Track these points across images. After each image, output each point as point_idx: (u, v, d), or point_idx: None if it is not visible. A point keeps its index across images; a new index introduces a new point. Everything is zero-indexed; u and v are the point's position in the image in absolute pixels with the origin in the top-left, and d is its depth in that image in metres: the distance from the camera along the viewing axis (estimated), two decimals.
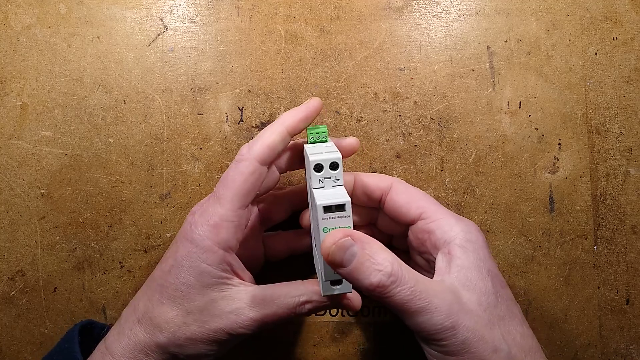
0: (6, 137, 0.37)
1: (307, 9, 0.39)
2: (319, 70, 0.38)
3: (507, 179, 0.38)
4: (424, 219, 0.30)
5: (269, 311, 0.28)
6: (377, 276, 0.24)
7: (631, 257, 0.38)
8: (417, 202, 0.31)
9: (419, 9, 0.39)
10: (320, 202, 0.26)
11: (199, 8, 0.39)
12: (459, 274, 0.27)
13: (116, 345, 0.28)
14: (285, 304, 0.28)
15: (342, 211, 0.26)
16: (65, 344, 0.30)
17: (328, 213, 0.26)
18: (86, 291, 0.37)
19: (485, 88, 0.38)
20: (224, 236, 0.28)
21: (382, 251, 0.25)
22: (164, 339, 0.28)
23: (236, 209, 0.28)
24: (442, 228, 0.29)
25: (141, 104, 0.38)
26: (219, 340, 0.28)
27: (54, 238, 0.37)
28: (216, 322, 0.28)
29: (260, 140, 0.29)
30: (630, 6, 0.39)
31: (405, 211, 0.31)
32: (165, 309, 0.28)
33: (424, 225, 0.30)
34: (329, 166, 0.28)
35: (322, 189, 0.28)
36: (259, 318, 0.28)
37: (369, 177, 0.32)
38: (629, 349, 0.37)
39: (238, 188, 0.28)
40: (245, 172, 0.28)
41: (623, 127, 0.38)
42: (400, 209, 0.31)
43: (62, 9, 0.38)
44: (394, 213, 0.31)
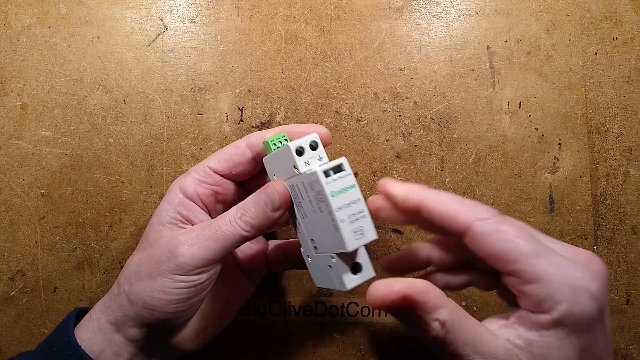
0: (6, 137, 0.37)
1: (307, 9, 0.39)
2: (319, 70, 0.38)
3: (507, 179, 0.38)
4: (517, 277, 0.23)
5: (206, 226, 0.28)
6: (425, 335, 0.23)
7: (631, 257, 0.38)
8: (508, 254, 0.23)
9: (419, 9, 0.39)
10: (318, 168, 0.26)
11: (199, 8, 0.39)
12: (534, 344, 0.23)
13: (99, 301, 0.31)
14: (221, 216, 0.29)
15: (342, 171, 0.26)
16: (62, 324, 0.31)
17: (329, 177, 0.26)
18: (86, 291, 0.37)
19: (485, 88, 0.38)
20: (187, 182, 0.30)
21: (435, 309, 0.23)
22: (122, 277, 0.30)
23: (206, 165, 0.31)
24: (538, 292, 0.23)
25: (141, 104, 0.38)
26: (162, 273, 0.28)
27: (54, 238, 0.37)
28: (158, 250, 0.28)
29: (261, 132, 0.31)
30: (630, 6, 0.39)
31: (492, 263, 0.24)
32: (134, 254, 0.31)
33: (514, 282, 0.24)
34: (309, 147, 0.27)
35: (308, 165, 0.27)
36: (196, 235, 0.28)
37: (438, 205, 0.26)
38: (629, 349, 0.37)
39: (218, 153, 0.31)
40: (233, 145, 0.31)
41: (623, 127, 0.38)
42: (488, 259, 0.24)
43: (62, 9, 0.38)
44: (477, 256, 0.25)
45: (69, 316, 0.31)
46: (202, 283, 0.28)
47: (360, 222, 0.26)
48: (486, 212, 0.24)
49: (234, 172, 0.31)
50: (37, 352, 0.30)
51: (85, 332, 0.30)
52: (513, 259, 0.23)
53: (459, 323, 0.23)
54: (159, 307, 0.28)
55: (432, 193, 0.26)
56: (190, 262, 0.27)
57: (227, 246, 0.28)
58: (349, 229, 0.26)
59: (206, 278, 0.28)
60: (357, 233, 0.26)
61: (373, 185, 0.38)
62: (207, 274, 0.28)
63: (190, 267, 0.27)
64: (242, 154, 0.30)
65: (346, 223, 0.25)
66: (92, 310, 0.31)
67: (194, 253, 0.27)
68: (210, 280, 0.29)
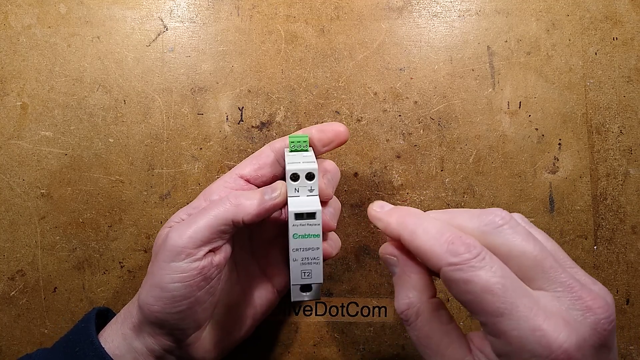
0: (6, 137, 0.37)
1: (307, 9, 0.39)
2: (319, 70, 0.38)
3: (507, 179, 0.38)
4: (481, 324, 0.23)
5: (199, 212, 0.29)
6: (396, 303, 0.26)
7: (631, 257, 0.38)
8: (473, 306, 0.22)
9: (419, 9, 0.39)
10: (292, 209, 0.28)
11: (199, 8, 0.39)
12: None
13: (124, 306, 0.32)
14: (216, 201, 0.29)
15: (313, 219, 0.28)
16: (82, 323, 0.31)
17: (299, 220, 0.28)
18: (86, 291, 0.37)
19: (485, 88, 0.38)
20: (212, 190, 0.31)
21: (411, 289, 0.25)
22: (142, 285, 0.29)
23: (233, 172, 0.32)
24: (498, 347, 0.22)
25: (141, 104, 0.38)
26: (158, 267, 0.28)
27: (54, 238, 0.37)
28: (158, 246, 0.29)
29: (285, 137, 0.32)
30: (630, 6, 0.39)
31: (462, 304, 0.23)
32: None
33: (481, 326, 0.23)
34: (305, 176, 0.29)
35: (297, 197, 0.29)
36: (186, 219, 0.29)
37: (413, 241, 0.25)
38: (629, 349, 0.37)
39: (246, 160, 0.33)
40: (258, 151, 0.32)
41: (623, 127, 0.38)
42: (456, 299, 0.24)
43: (62, 9, 0.38)
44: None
45: (89, 316, 0.31)
46: (197, 275, 0.28)
47: (311, 266, 0.29)
48: (461, 254, 0.22)
49: (259, 175, 0.31)
50: (56, 351, 0.30)
51: (110, 335, 0.30)
52: (476, 312, 0.22)
53: (429, 317, 0.24)
54: (159, 308, 0.28)
55: (411, 223, 0.25)
56: (178, 241, 0.27)
57: (214, 223, 0.28)
58: (298, 268, 0.29)
59: (200, 267, 0.28)
60: (305, 274, 0.29)
61: (373, 185, 0.38)
62: (200, 262, 0.28)
63: (179, 249, 0.27)
64: (266, 156, 0.32)
65: (297, 263, 0.28)
66: (118, 315, 0.31)
67: (181, 233, 0.28)
68: (206, 274, 0.28)
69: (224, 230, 0.28)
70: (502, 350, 0.21)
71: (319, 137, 0.31)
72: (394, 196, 0.38)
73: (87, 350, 0.29)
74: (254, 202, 0.28)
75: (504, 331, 0.21)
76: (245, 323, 0.33)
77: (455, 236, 0.23)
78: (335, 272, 0.38)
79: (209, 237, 0.28)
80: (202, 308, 0.29)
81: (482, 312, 0.22)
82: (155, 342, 0.29)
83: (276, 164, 0.32)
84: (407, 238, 0.25)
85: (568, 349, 0.20)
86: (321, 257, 0.29)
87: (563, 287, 0.22)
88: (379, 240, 0.38)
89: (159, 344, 0.29)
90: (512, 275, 0.22)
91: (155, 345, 0.29)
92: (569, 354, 0.20)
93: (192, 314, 0.29)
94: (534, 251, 0.23)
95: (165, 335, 0.29)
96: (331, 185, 0.31)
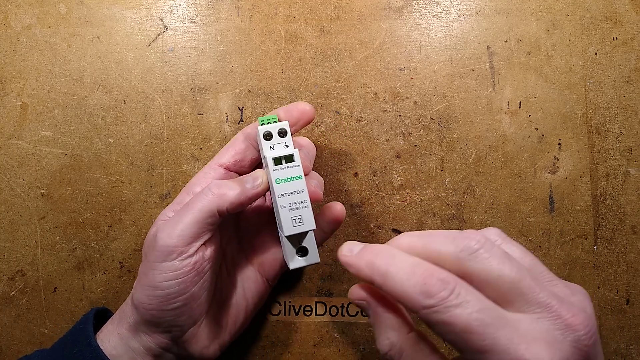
0: (6, 137, 0.37)
1: (307, 9, 0.39)
2: (319, 70, 0.38)
3: (507, 179, 0.38)
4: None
5: (183, 208, 0.29)
6: (378, 345, 0.25)
7: (631, 257, 0.38)
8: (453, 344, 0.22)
9: (419, 9, 0.39)
10: (269, 154, 0.29)
11: (199, 8, 0.39)
12: None
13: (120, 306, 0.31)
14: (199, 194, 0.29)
15: (292, 162, 0.29)
16: (80, 324, 0.31)
17: (278, 165, 0.29)
18: (86, 291, 0.37)
19: (485, 88, 0.38)
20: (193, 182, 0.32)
21: (389, 329, 0.25)
22: (135, 285, 0.29)
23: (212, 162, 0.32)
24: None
25: (141, 104, 0.38)
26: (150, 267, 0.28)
27: (54, 238, 0.37)
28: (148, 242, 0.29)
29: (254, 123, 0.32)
30: (630, 6, 0.39)
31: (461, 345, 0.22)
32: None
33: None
34: (277, 133, 0.30)
35: (273, 150, 0.30)
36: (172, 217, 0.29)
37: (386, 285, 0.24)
38: (629, 349, 0.37)
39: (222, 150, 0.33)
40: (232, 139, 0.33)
41: (623, 127, 0.38)
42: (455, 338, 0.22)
43: (62, 9, 0.38)
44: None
45: (86, 317, 0.31)
46: (190, 270, 0.28)
47: (300, 211, 0.28)
48: (436, 288, 0.22)
49: (237, 160, 0.32)
50: (54, 352, 0.30)
51: (107, 336, 0.30)
52: (460, 350, 0.22)
53: (411, 354, 0.24)
54: (155, 307, 0.28)
55: (382, 265, 0.24)
56: (168, 242, 0.27)
57: (200, 217, 0.28)
58: (288, 216, 0.28)
59: (192, 263, 0.28)
60: (296, 221, 0.28)
61: (373, 185, 0.38)
62: (192, 258, 0.28)
63: (170, 248, 0.27)
64: (240, 141, 0.32)
65: (286, 210, 0.28)
66: (114, 315, 0.31)
67: (169, 232, 0.27)
68: (199, 269, 0.28)
69: (210, 222, 0.28)
70: None
71: (286, 118, 0.32)
72: (394, 196, 0.38)
73: (85, 352, 0.29)
74: (236, 191, 0.29)
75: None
76: (239, 316, 0.33)
77: (428, 273, 0.22)
78: (335, 272, 0.38)
79: (197, 232, 0.28)
80: (198, 303, 0.29)
81: (465, 350, 0.21)
82: (152, 340, 0.29)
83: (251, 148, 0.32)
84: (379, 282, 0.24)
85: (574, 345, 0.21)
86: (308, 199, 0.29)
87: (541, 307, 0.22)
88: (380, 240, 0.38)
89: (155, 342, 0.29)
90: (489, 305, 0.22)
91: (152, 343, 0.29)
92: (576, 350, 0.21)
93: (188, 310, 0.29)
94: (511, 273, 0.22)
95: (162, 333, 0.29)
96: (308, 159, 0.31)
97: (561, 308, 0.22)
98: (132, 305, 0.29)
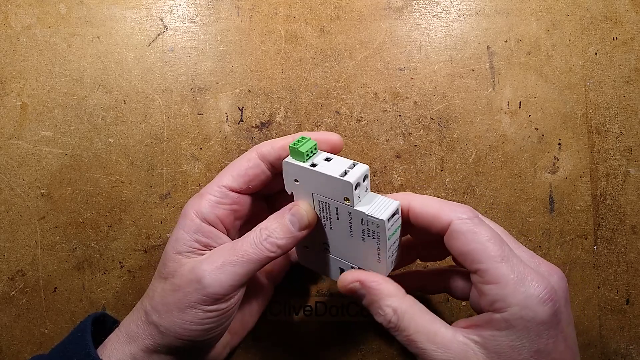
0: (6, 137, 0.37)
1: (307, 9, 0.39)
2: (319, 70, 0.38)
3: (507, 179, 0.38)
4: (480, 276, 0.25)
5: (231, 251, 0.28)
6: (379, 318, 0.27)
7: (631, 257, 0.38)
8: (477, 254, 0.25)
9: (419, 9, 0.39)
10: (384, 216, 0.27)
11: (199, 8, 0.39)
12: (488, 342, 0.24)
13: (124, 322, 0.30)
14: (245, 238, 0.28)
15: (396, 214, 0.28)
16: (78, 332, 0.30)
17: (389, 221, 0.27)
18: (86, 291, 0.37)
19: (485, 88, 0.38)
20: (203, 206, 0.29)
21: (388, 297, 0.26)
22: (149, 306, 0.29)
23: (221, 185, 0.29)
24: (494, 293, 0.24)
25: (141, 104, 0.38)
26: (190, 304, 0.27)
27: (54, 238, 0.37)
28: (182, 279, 0.28)
29: (271, 140, 0.30)
30: (630, 6, 0.39)
31: (461, 260, 0.26)
32: (154, 280, 0.30)
33: (477, 281, 0.25)
34: (362, 179, 0.27)
35: (365, 204, 0.27)
36: (222, 262, 0.27)
37: (423, 207, 0.27)
38: (629, 349, 0.37)
39: (230, 169, 0.30)
40: (244, 157, 0.30)
41: (623, 127, 0.38)
42: (459, 257, 0.26)
43: (62, 9, 0.38)
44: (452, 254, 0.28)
45: (84, 325, 0.30)
46: (232, 307, 0.28)
47: (396, 253, 0.29)
48: (466, 213, 0.26)
49: (250, 187, 0.30)
50: (52, 358, 0.30)
51: (114, 353, 0.29)
52: (480, 259, 0.25)
53: (412, 313, 0.26)
54: (193, 337, 0.28)
55: (418, 197, 0.28)
56: (219, 291, 0.27)
57: (253, 269, 0.28)
58: (390, 260, 0.29)
59: (235, 302, 0.28)
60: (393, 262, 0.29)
61: (373, 185, 0.38)
62: (235, 297, 0.28)
63: (219, 296, 0.27)
64: (256, 166, 0.29)
65: (391, 258, 0.28)
66: (118, 333, 0.30)
67: (221, 282, 0.27)
68: (239, 301, 0.29)
69: (259, 269, 0.28)
70: (497, 295, 0.24)
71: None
72: None
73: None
74: (288, 241, 0.28)
75: (502, 274, 0.24)
76: (249, 321, 0.33)
77: (456, 203, 0.27)
78: None
79: (247, 281, 0.28)
80: (229, 323, 0.30)
81: (484, 259, 0.24)
82: (171, 359, 0.29)
83: (267, 173, 0.30)
84: (417, 207, 0.27)
85: (561, 283, 0.25)
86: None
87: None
88: None
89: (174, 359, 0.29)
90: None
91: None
92: (561, 285, 0.25)
93: (222, 333, 0.29)
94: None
95: (186, 354, 0.29)
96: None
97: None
98: (154, 329, 0.28)
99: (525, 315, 0.24)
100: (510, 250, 0.25)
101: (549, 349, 0.24)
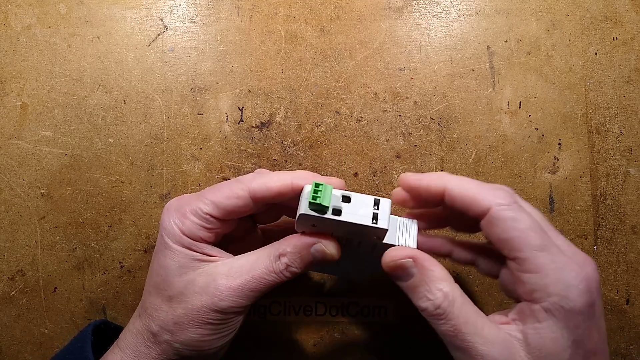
0: (6, 137, 0.37)
1: (307, 9, 0.39)
2: (319, 70, 0.38)
3: (507, 179, 0.38)
4: (519, 264, 0.25)
5: (248, 275, 0.27)
6: (426, 303, 0.25)
7: (631, 257, 0.38)
8: (517, 242, 0.25)
9: (419, 9, 0.39)
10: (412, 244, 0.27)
11: (199, 8, 0.39)
12: (529, 336, 0.24)
13: (122, 339, 0.29)
14: (262, 263, 0.28)
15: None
16: (78, 343, 0.30)
17: None
18: (86, 291, 0.37)
19: (485, 88, 0.38)
20: (187, 227, 0.28)
21: (440, 280, 0.25)
22: (156, 327, 0.28)
23: (206, 212, 0.28)
24: (534, 282, 0.24)
25: (141, 104, 0.38)
26: (206, 321, 0.27)
27: (54, 238, 0.37)
28: (197, 299, 0.27)
29: (265, 178, 0.28)
30: (630, 6, 0.39)
31: (499, 246, 0.26)
32: (153, 297, 0.28)
33: (516, 269, 0.25)
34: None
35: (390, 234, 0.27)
36: (239, 285, 0.27)
37: (461, 189, 0.26)
38: (629, 349, 0.37)
39: (219, 198, 0.28)
40: (234, 192, 0.27)
41: (623, 127, 0.38)
42: (496, 243, 0.26)
43: (62, 9, 0.38)
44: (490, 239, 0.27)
45: (84, 335, 0.30)
46: (241, 321, 0.29)
47: None
48: (506, 199, 0.25)
49: (235, 218, 0.29)
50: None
51: None
52: (520, 248, 0.24)
53: (462, 301, 0.25)
54: (208, 348, 0.28)
55: (454, 178, 0.27)
56: (235, 310, 0.27)
57: (269, 289, 0.28)
58: None
59: (243, 316, 0.29)
60: None
61: (373, 185, 0.38)
62: (244, 312, 0.29)
63: (235, 315, 0.28)
64: (244, 205, 0.28)
65: None
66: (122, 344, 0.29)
67: (239, 303, 0.27)
68: (245, 316, 0.29)
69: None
70: (537, 285, 0.24)
71: None
72: None
73: None
74: (306, 269, 0.28)
75: (543, 264, 0.24)
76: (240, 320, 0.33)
77: (494, 185, 0.26)
78: None
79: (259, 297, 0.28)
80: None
81: (525, 248, 0.24)
82: None
83: (254, 208, 0.28)
84: (454, 189, 0.26)
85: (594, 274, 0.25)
86: None
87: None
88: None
89: None
90: None
91: None
92: (596, 276, 0.25)
93: (229, 341, 0.29)
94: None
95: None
96: None
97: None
98: (167, 347, 0.28)
99: (566, 305, 0.24)
100: (550, 239, 0.25)
101: (585, 339, 0.24)
